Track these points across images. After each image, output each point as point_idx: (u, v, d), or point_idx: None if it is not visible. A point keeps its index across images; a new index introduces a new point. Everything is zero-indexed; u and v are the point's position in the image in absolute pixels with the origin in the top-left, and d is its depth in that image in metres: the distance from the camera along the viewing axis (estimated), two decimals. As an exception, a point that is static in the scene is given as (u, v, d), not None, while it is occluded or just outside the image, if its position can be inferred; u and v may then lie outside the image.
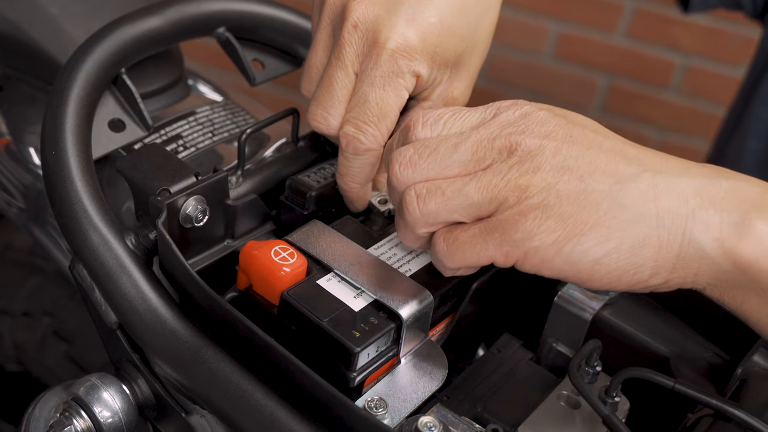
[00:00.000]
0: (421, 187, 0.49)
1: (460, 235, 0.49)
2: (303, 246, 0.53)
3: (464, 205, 0.48)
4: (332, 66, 0.56)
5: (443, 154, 0.49)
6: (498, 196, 0.47)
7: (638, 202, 0.46)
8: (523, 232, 0.46)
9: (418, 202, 0.49)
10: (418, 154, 0.49)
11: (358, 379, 0.49)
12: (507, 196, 0.47)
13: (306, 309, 0.49)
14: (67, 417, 0.52)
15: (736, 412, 0.49)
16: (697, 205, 0.46)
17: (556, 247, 0.46)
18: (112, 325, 0.53)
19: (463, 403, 0.54)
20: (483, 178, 0.48)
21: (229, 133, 0.69)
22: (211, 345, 0.50)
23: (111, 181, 0.65)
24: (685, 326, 0.58)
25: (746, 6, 1.07)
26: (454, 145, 0.49)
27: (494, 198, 0.47)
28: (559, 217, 0.46)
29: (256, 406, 0.47)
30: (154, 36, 0.62)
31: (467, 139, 0.49)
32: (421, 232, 0.50)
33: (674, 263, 0.46)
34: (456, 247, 0.49)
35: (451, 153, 0.49)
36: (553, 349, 0.59)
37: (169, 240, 0.50)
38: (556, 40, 1.90)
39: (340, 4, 0.57)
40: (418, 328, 0.51)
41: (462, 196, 0.48)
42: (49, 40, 0.68)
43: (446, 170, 0.49)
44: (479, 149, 0.48)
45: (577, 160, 0.47)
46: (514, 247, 0.47)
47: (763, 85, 1.06)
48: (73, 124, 0.56)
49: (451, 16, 0.56)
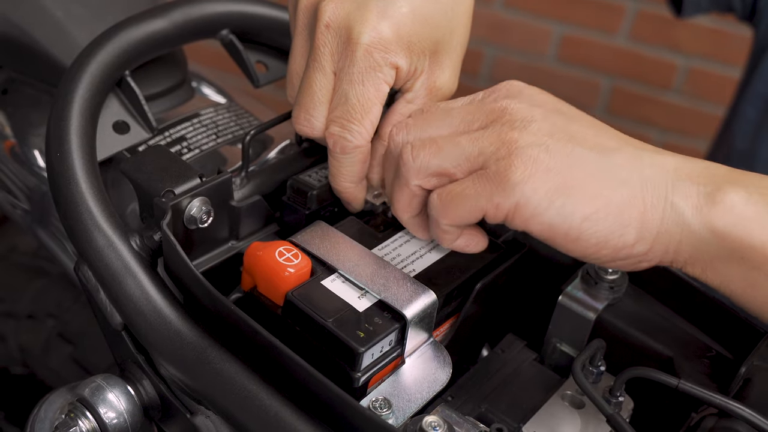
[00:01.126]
0: (416, 140, 0.51)
1: (453, 188, 0.50)
2: (307, 247, 0.54)
3: (455, 154, 0.50)
4: (310, 68, 0.56)
5: (436, 117, 0.52)
6: (489, 148, 0.49)
7: (623, 169, 0.48)
8: (514, 182, 0.47)
9: (412, 153, 0.51)
10: (413, 119, 0.53)
11: (362, 380, 0.49)
12: (498, 147, 0.48)
13: (310, 309, 0.50)
14: (73, 418, 0.52)
15: (741, 410, 0.49)
16: (676, 177, 0.48)
17: (547, 199, 0.47)
18: (117, 326, 0.54)
19: (467, 403, 0.54)
20: (475, 134, 0.50)
21: (233, 135, 0.69)
22: (215, 346, 0.50)
23: (115, 182, 0.65)
24: (689, 325, 0.58)
25: (737, 8, 1.08)
26: (446, 110, 0.52)
27: (484, 149, 0.49)
28: (550, 171, 0.47)
29: (261, 407, 0.47)
30: (158, 38, 0.62)
31: (459, 106, 0.52)
32: (414, 184, 0.51)
33: (658, 228, 0.47)
34: (449, 200, 0.50)
35: (443, 116, 0.52)
36: (557, 350, 0.59)
37: (173, 241, 0.51)
38: (559, 42, 1.90)
39: (311, 6, 0.57)
40: (422, 328, 0.51)
41: (453, 146, 0.50)
42: (53, 43, 0.69)
43: (438, 130, 0.51)
44: (470, 112, 0.51)
45: (565, 128, 0.49)
46: (505, 197, 0.48)
47: (750, 85, 1.07)
48: (77, 126, 0.56)
49: (423, 4, 0.56)
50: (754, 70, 1.07)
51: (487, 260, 0.57)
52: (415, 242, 0.57)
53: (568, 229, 0.47)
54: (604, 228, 0.47)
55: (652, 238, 0.47)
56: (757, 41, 1.07)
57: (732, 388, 0.54)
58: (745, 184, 0.47)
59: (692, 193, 0.47)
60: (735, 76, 1.74)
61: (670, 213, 0.47)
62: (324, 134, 0.56)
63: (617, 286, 0.58)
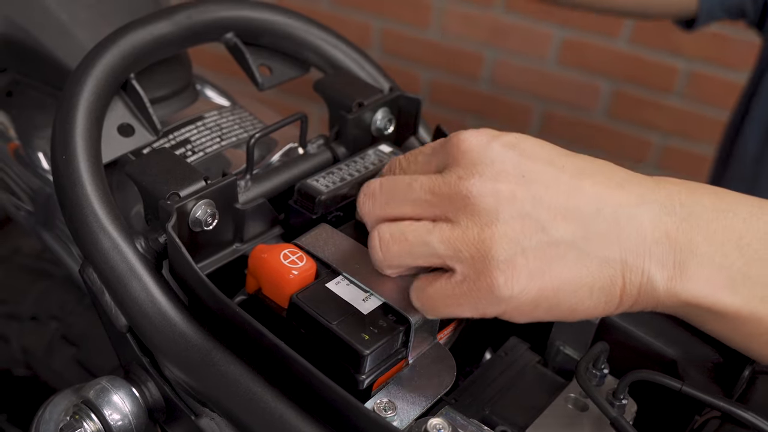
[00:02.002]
0: (385, 230, 0.49)
1: (432, 294, 0.48)
2: (312, 249, 0.54)
3: (427, 254, 0.48)
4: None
5: (398, 190, 0.50)
6: (462, 253, 0.47)
7: (603, 247, 0.47)
8: (499, 297, 0.46)
9: (381, 246, 0.49)
10: (380, 187, 0.51)
11: (367, 382, 0.49)
12: (471, 254, 0.46)
13: (315, 312, 0.50)
14: (77, 420, 0.52)
15: (744, 413, 0.49)
16: (653, 240, 0.47)
17: (533, 304, 0.47)
18: (122, 329, 0.54)
19: (471, 406, 0.55)
20: (444, 230, 0.47)
21: (237, 138, 0.70)
22: (220, 348, 0.50)
23: (121, 185, 0.65)
24: (692, 328, 0.58)
25: (749, 14, 1.08)
26: (408, 183, 0.49)
27: (457, 254, 0.47)
28: (531, 275, 0.46)
29: (266, 409, 0.48)
30: (162, 41, 0.63)
31: (418, 179, 0.49)
32: (388, 273, 0.51)
33: (636, 298, 0.48)
34: (431, 306, 0.49)
35: (405, 191, 0.49)
36: (560, 352, 0.59)
37: (178, 243, 0.51)
38: (560, 46, 1.90)
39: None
40: (426, 331, 0.52)
41: (424, 246, 0.48)
42: (58, 46, 0.69)
43: (400, 207, 0.49)
44: (430, 191, 0.48)
45: (535, 207, 0.46)
46: (491, 308, 0.47)
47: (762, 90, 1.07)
48: (83, 128, 0.56)
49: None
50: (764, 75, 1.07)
51: (490, 263, 0.57)
52: (419, 245, 0.57)
53: (555, 317, 0.48)
54: (589, 307, 0.48)
55: (629, 306, 0.48)
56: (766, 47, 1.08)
57: (735, 391, 0.54)
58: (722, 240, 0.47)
59: (668, 262, 0.47)
60: (736, 80, 1.75)
61: (646, 287, 0.47)
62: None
63: (621, 290, 0.58)
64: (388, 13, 1.99)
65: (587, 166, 0.49)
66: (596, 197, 0.47)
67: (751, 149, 1.07)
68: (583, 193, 0.47)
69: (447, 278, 0.48)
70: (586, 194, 0.47)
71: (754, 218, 0.48)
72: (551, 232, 0.46)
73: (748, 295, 0.48)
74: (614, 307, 0.48)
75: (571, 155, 0.49)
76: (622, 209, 0.47)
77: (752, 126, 1.08)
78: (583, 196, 0.47)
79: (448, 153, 0.49)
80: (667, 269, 0.47)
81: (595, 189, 0.48)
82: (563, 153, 0.49)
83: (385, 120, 0.66)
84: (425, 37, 1.98)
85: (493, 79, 1.98)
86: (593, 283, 0.47)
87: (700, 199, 0.48)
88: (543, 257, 0.46)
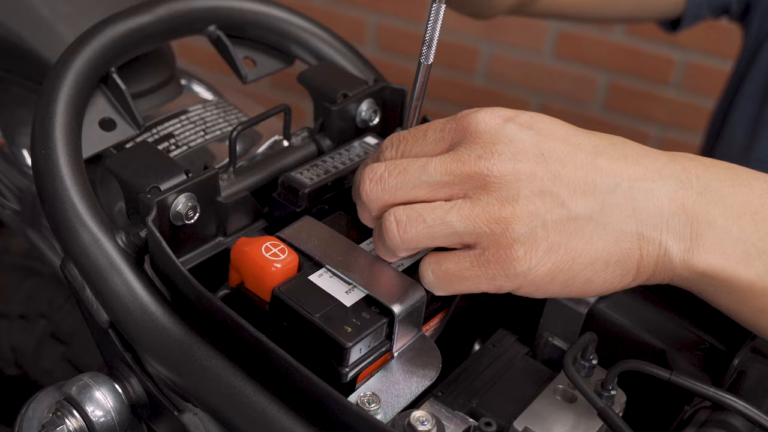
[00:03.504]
0: (401, 213, 0.48)
1: (449, 267, 0.48)
2: (294, 242, 0.53)
3: (446, 233, 0.48)
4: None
5: (412, 174, 0.48)
6: (482, 228, 0.47)
7: (619, 220, 0.47)
8: (518, 270, 0.47)
9: (398, 230, 0.48)
10: (388, 172, 0.49)
11: (350, 375, 0.48)
12: (492, 228, 0.46)
13: (297, 305, 0.49)
14: (60, 417, 0.52)
15: (734, 402, 0.48)
16: (671, 212, 0.48)
17: (549, 276, 0.47)
18: (104, 324, 0.53)
19: (458, 398, 0.54)
20: (463, 208, 0.47)
21: (222, 131, 0.69)
22: (202, 342, 0.49)
23: (104, 180, 0.64)
24: (681, 318, 0.57)
25: (733, 11, 1.08)
26: (422, 165, 0.48)
27: (477, 229, 0.47)
28: (549, 248, 0.46)
29: (248, 403, 0.47)
30: (143, 35, 0.62)
31: (433, 160, 0.48)
32: (402, 255, 0.50)
33: (653, 271, 0.49)
34: (446, 281, 0.49)
35: (419, 173, 0.48)
36: (548, 344, 0.59)
37: (159, 237, 0.50)
38: (556, 39, 1.89)
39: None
40: (410, 323, 0.51)
41: (444, 225, 0.47)
42: (40, 41, 0.68)
43: (415, 190, 0.48)
44: (447, 172, 0.48)
45: (554, 183, 0.47)
46: (507, 281, 0.47)
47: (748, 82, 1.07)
48: (62, 123, 0.55)
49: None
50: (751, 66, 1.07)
51: (477, 254, 0.57)
52: (404, 236, 0.57)
53: (569, 292, 0.49)
54: (605, 281, 0.48)
55: (646, 278, 0.49)
56: (750, 38, 1.08)
57: (725, 380, 0.53)
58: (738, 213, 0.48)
59: (685, 234, 0.48)
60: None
61: (663, 259, 0.48)
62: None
63: (609, 279, 0.57)
64: (382, 8, 1.99)
65: (602, 142, 0.49)
66: (613, 173, 0.48)
67: (738, 141, 1.07)
68: (600, 169, 0.48)
69: (464, 253, 0.48)
70: (603, 170, 0.48)
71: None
72: (571, 207, 0.47)
73: (762, 269, 0.48)
74: (630, 280, 0.48)
75: (586, 133, 0.50)
76: (639, 183, 0.48)
77: (739, 118, 1.08)
78: (599, 171, 0.48)
79: (462, 132, 0.49)
80: (684, 241, 0.47)
81: (611, 165, 0.48)
82: (578, 131, 0.50)
83: (370, 111, 0.65)
84: (420, 31, 1.97)
85: (489, 73, 1.97)
86: (609, 256, 0.47)
87: (715, 173, 0.49)
88: (562, 231, 0.46)
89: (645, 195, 0.47)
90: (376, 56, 2.01)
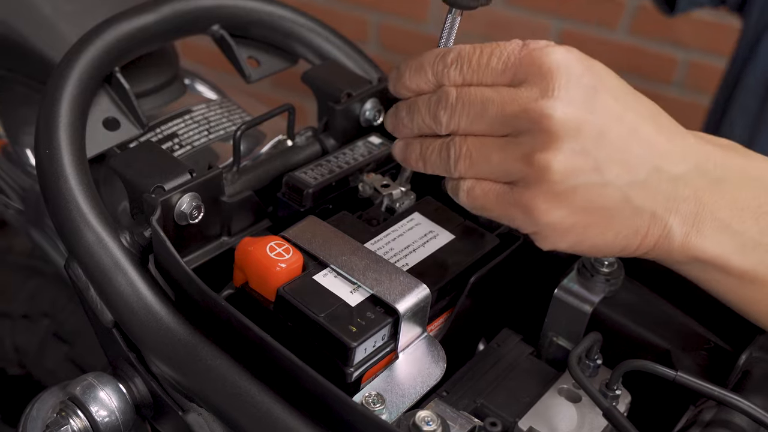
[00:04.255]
0: (458, 146, 0.49)
1: (479, 194, 0.50)
2: (299, 242, 0.53)
3: (486, 171, 0.49)
4: None
5: (475, 111, 0.49)
6: (520, 170, 0.48)
7: (641, 196, 0.48)
8: (537, 219, 0.48)
9: (449, 161, 0.50)
10: (456, 101, 0.49)
11: (355, 375, 0.48)
12: (528, 173, 0.47)
13: (302, 305, 0.49)
14: (64, 417, 0.52)
15: (739, 402, 0.48)
16: (683, 198, 0.49)
17: (561, 233, 0.48)
18: (108, 324, 0.53)
19: (463, 398, 0.54)
20: (508, 150, 0.48)
21: (225, 131, 0.69)
22: (207, 343, 0.49)
23: (108, 180, 0.64)
24: (686, 317, 0.57)
25: (730, 2, 1.07)
26: (485, 104, 0.48)
27: (515, 170, 0.48)
28: (572, 209, 0.47)
29: (253, 403, 0.47)
30: (147, 34, 0.62)
31: (496, 101, 0.48)
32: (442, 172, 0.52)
33: (653, 246, 0.50)
34: (473, 201, 0.50)
35: (481, 112, 0.49)
36: (553, 343, 0.59)
37: (163, 237, 0.50)
38: (558, 38, 1.89)
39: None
40: (415, 322, 0.51)
41: (486, 164, 0.49)
42: (43, 41, 0.68)
43: (474, 125, 0.49)
44: (506, 114, 0.48)
45: (596, 146, 0.47)
46: (525, 225, 0.49)
47: (747, 76, 1.07)
48: (66, 122, 0.55)
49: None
50: (750, 59, 1.06)
51: (481, 253, 0.57)
52: (408, 236, 0.57)
53: (575, 251, 0.50)
54: (609, 250, 0.50)
55: (642, 253, 0.51)
56: (749, 30, 1.07)
57: (730, 380, 0.53)
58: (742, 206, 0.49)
59: (689, 219, 0.49)
60: (735, 70, 1.73)
61: (664, 239, 0.49)
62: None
63: (613, 279, 0.57)
64: (385, 8, 1.98)
65: (649, 110, 0.50)
66: (648, 147, 0.48)
67: (738, 136, 1.07)
68: (639, 139, 0.48)
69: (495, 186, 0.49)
70: (641, 142, 0.48)
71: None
72: (604, 174, 0.47)
73: (756, 260, 0.50)
74: (629, 253, 0.50)
75: (638, 97, 0.50)
76: (665, 163, 0.48)
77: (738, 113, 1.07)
78: (637, 142, 0.48)
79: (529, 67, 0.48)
80: (687, 226, 0.49)
81: (650, 138, 0.49)
82: (631, 93, 0.50)
83: (374, 111, 0.65)
84: (423, 31, 1.97)
85: (491, 73, 1.97)
86: (621, 228, 0.48)
87: (732, 163, 0.50)
88: (589, 196, 0.47)
89: (667, 176, 0.48)
90: (378, 55, 2.01)
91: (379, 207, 0.60)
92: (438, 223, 0.58)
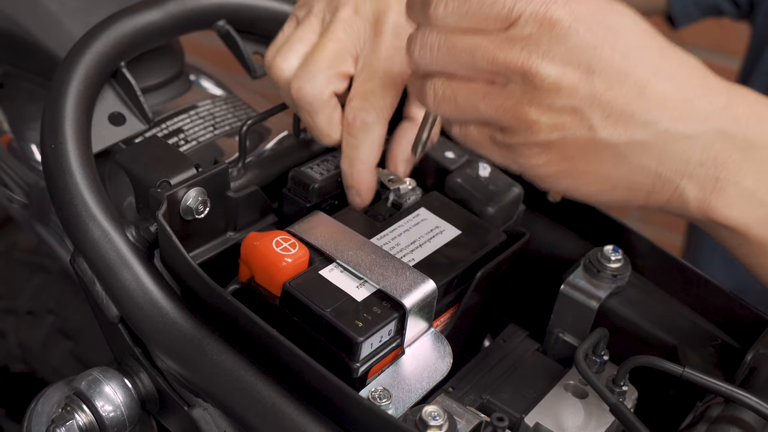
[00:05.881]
0: (439, 87, 0.49)
1: (473, 134, 0.50)
2: (305, 236, 0.53)
3: (474, 117, 0.49)
4: None
5: (462, 54, 0.47)
6: (507, 121, 0.47)
7: (641, 156, 0.47)
8: (525, 161, 0.48)
9: (434, 101, 0.49)
10: (438, 43, 0.47)
11: (361, 370, 0.48)
12: (514, 125, 0.47)
13: (308, 299, 0.49)
14: (69, 411, 0.52)
15: (747, 399, 0.48)
16: (698, 162, 0.47)
17: (553, 177, 0.49)
18: (114, 319, 0.53)
19: (469, 393, 0.54)
20: (496, 98, 0.47)
21: (231, 126, 0.69)
22: (213, 337, 0.49)
23: (113, 175, 0.64)
24: (693, 313, 0.57)
25: (728, 11, 1.07)
26: (472, 48, 0.46)
27: (502, 121, 0.47)
28: (561, 157, 0.47)
29: (259, 399, 0.47)
30: (153, 29, 0.62)
31: (485, 48, 0.46)
32: None
33: (664, 204, 0.49)
34: (466, 140, 0.50)
35: (468, 57, 0.47)
36: (559, 339, 0.58)
37: (169, 231, 0.50)
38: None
39: None
40: (421, 318, 0.51)
41: (473, 110, 0.48)
42: (48, 36, 0.68)
43: (461, 70, 0.48)
44: (495, 62, 0.46)
45: (591, 105, 0.45)
46: (516, 166, 0.49)
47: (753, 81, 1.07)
48: (72, 117, 0.55)
49: None
50: (755, 65, 1.07)
51: (487, 249, 0.56)
52: (414, 232, 0.56)
53: (570, 195, 0.50)
54: (607, 199, 0.50)
55: (655, 208, 0.50)
56: (756, 36, 1.07)
57: (737, 376, 0.53)
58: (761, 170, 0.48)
59: (707, 185, 0.47)
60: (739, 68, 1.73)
61: (677, 200, 0.48)
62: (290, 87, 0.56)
63: (620, 275, 0.57)
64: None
65: (669, 66, 0.47)
66: (657, 107, 0.46)
67: None
68: (646, 99, 0.46)
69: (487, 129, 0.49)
70: (648, 101, 0.46)
71: None
72: (597, 131, 0.46)
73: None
74: (636, 204, 0.50)
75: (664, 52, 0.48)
76: (678, 126, 0.46)
77: None
78: (643, 102, 0.46)
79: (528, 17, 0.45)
80: (704, 190, 0.48)
81: (659, 96, 0.46)
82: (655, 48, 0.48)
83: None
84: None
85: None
86: (618, 182, 0.48)
87: (764, 129, 0.48)
88: (580, 150, 0.47)
89: (679, 139, 0.46)
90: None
91: (385, 202, 0.60)
92: (444, 218, 0.58)
